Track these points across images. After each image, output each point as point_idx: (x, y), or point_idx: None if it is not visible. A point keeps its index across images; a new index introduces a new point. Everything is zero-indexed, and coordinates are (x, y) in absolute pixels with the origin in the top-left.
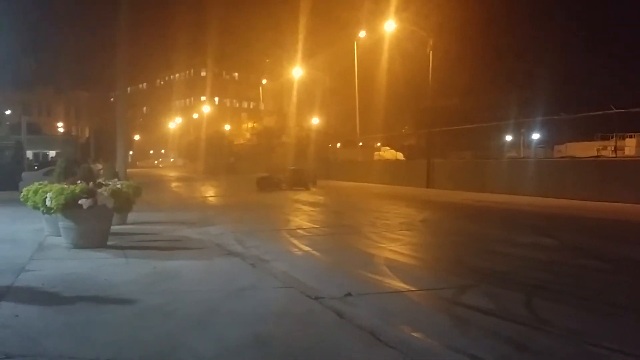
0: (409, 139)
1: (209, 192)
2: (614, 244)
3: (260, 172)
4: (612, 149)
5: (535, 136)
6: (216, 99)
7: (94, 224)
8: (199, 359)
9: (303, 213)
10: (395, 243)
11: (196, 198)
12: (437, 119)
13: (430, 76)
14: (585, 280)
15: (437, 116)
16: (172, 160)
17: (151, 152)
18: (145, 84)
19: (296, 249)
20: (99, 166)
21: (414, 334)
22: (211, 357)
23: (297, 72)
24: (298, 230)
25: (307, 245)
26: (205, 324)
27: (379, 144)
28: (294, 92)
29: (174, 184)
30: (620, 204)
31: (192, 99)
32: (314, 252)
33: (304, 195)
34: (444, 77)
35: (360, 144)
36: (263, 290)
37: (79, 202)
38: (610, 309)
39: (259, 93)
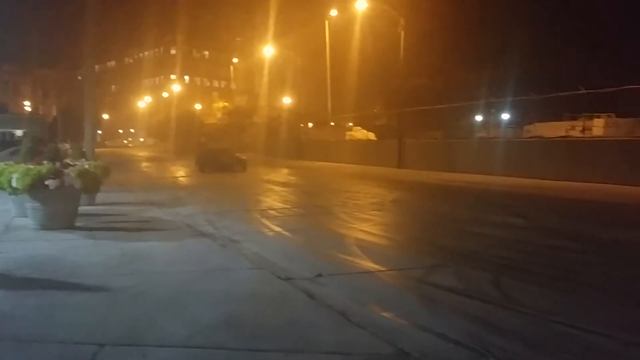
0: (380, 118)
1: (180, 172)
2: (582, 224)
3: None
4: (581, 129)
5: (505, 116)
6: (186, 77)
7: (61, 205)
8: (169, 340)
9: (274, 193)
10: (366, 223)
11: (166, 178)
12: (408, 99)
13: (401, 56)
14: (553, 260)
15: (408, 96)
16: (141, 139)
17: (120, 131)
18: (113, 62)
19: (267, 230)
20: (67, 146)
21: (384, 314)
22: (182, 338)
23: (268, 51)
24: (269, 211)
25: (278, 225)
26: (176, 305)
27: (350, 124)
28: (266, 72)
29: (143, 164)
30: (588, 183)
31: (161, 77)
32: (285, 232)
33: (275, 176)
34: (415, 57)
35: (332, 124)
36: (234, 271)
37: (46, 182)
38: (578, 288)
39: (230, 72)
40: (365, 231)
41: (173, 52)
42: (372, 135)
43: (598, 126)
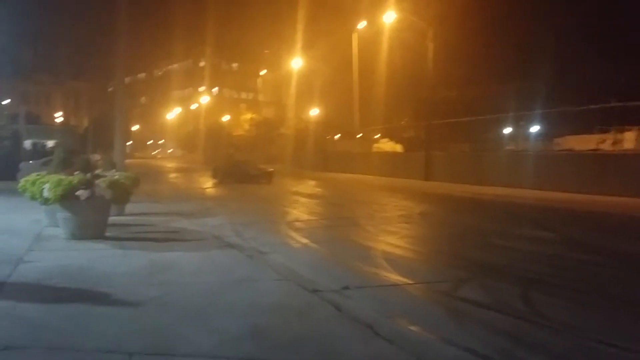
0: (407, 131)
1: (208, 184)
2: (612, 238)
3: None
4: (611, 142)
5: (534, 129)
6: (215, 89)
7: (91, 215)
8: (196, 350)
9: (301, 205)
10: (393, 236)
11: (194, 189)
12: (436, 111)
13: (429, 67)
14: (583, 275)
15: (436, 108)
16: (170, 150)
17: (149, 142)
18: (143, 74)
19: (294, 241)
20: (97, 157)
21: (412, 328)
22: (209, 349)
23: (296, 63)
24: (296, 222)
25: (304, 237)
26: (203, 315)
27: (377, 136)
28: (293, 83)
29: (172, 175)
30: (619, 197)
31: (190, 89)
32: (312, 244)
33: (302, 187)
34: (443, 68)
35: (359, 135)
36: (260, 282)
37: (77, 193)
38: (607, 304)
39: (258, 84)
40: (392, 244)
41: (202, 64)
42: (399, 148)
43: (629, 139)
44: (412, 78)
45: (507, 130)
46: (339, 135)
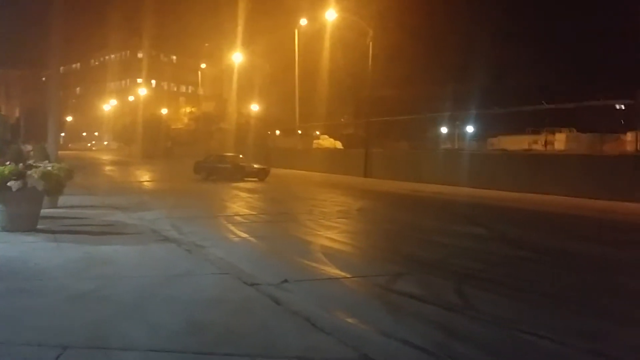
0: (348, 128)
1: (145, 177)
2: (542, 235)
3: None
4: (543, 142)
5: (470, 129)
6: (153, 81)
7: (23, 206)
8: (132, 344)
9: (241, 200)
10: (332, 231)
11: (131, 182)
12: (375, 109)
13: (370, 66)
14: (514, 269)
15: (376, 106)
16: (106, 143)
17: (84, 134)
18: (79, 64)
19: (233, 236)
20: (29, 147)
21: (349, 320)
22: (145, 342)
23: (237, 57)
24: (235, 217)
25: (244, 232)
26: (140, 309)
27: (318, 133)
28: (234, 78)
29: (108, 168)
30: (549, 196)
31: (127, 80)
32: (251, 238)
33: (242, 182)
34: (383, 68)
35: (300, 132)
36: (199, 276)
37: (8, 184)
38: (537, 297)
39: (198, 77)
40: (331, 238)
41: (140, 55)
42: (339, 144)
43: (559, 140)
44: (353, 77)
45: (444, 129)
46: (280, 131)
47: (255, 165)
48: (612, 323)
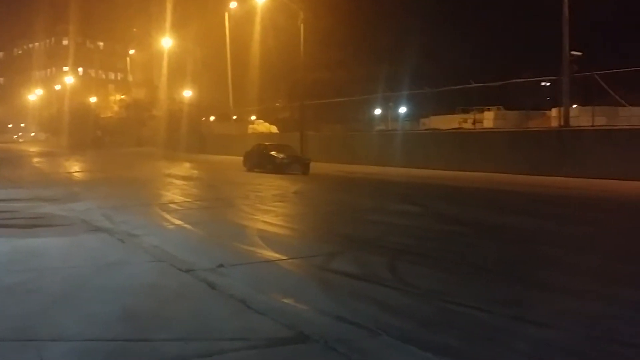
0: (282, 112)
1: (74, 168)
2: (473, 210)
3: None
4: (472, 121)
5: (402, 110)
6: (80, 69)
7: None
8: (64, 335)
9: (175, 187)
10: (268, 214)
11: (60, 174)
12: (310, 92)
13: (302, 49)
14: (445, 244)
15: (310, 89)
16: (33, 134)
17: (10, 126)
18: (1, 54)
19: (168, 223)
20: None
21: (285, 300)
22: (76, 332)
23: (166, 42)
24: (170, 205)
25: (179, 219)
26: (71, 300)
27: (253, 117)
28: (165, 64)
29: (35, 159)
30: (479, 172)
31: (53, 69)
32: (187, 225)
33: (176, 170)
34: (316, 50)
35: (235, 117)
36: (132, 264)
37: None
38: (467, 270)
39: (127, 64)
40: (267, 222)
41: (65, 42)
42: (274, 129)
43: (488, 119)
44: (286, 60)
45: (378, 111)
46: (214, 117)
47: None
48: (535, 290)
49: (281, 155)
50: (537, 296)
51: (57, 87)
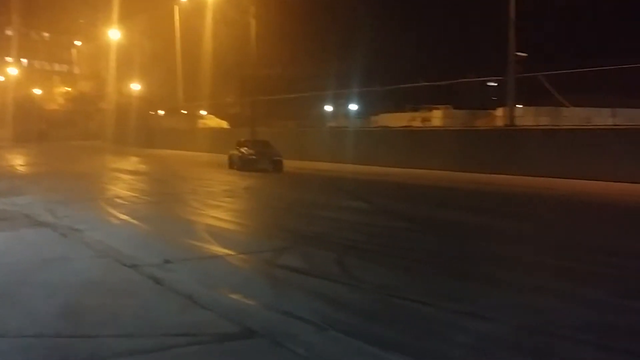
0: (233, 107)
1: (18, 161)
2: (420, 207)
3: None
4: (421, 119)
5: (353, 107)
6: (24, 60)
7: None
8: (2, 332)
9: (122, 182)
10: (217, 210)
11: (2, 167)
12: (261, 88)
13: (253, 44)
14: (392, 240)
15: (261, 85)
16: None
17: None
18: None
19: (113, 218)
20: None
21: (232, 296)
22: (15, 328)
23: (114, 34)
24: (116, 199)
25: (125, 213)
26: (10, 296)
27: (203, 112)
28: (112, 56)
29: None
30: (428, 170)
31: None
32: (133, 220)
33: (124, 164)
34: (267, 46)
35: (184, 112)
36: (76, 260)
37: None
38: (412, 265)
39: (73, 55)
40: (215, 217)
41: (9, 33)
42: (225, 124)
43: (437, 117)
44: (237, 55)
45: (329, 108)
46: (164, 111)
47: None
48: (478, 285)
49: (249, 152)
50: (479, 290)
51: (0, 78)
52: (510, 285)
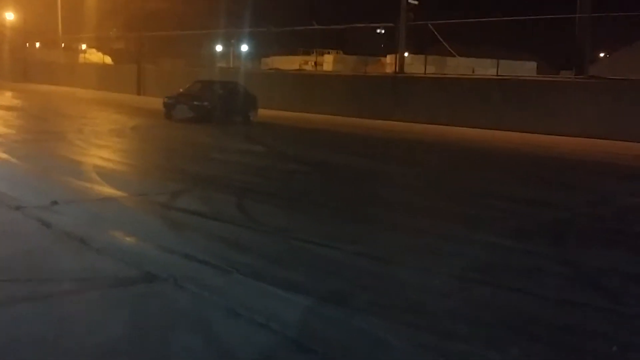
0: (118, 42)
1: None
2: (314, 151)
3: None
4: (313, 63)
5: (244, 48)
6: None
7: None
8: None
9: None
10: (105, 150)
11: None
12: (148, 23)
13: None
14: (289, 183)
15: (149, 20)
16: None
17: None
18: None
19: None
20: None
21: (127, 239)
22: None
23: None
24: None
25: (3, 152)
26: None
27: (84, 46)
28: None
29: None
30: (320, 115)
31: None
32: (13, 159)
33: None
34: None
35: (64, 45)
36: None
37: None
38: (311, 208)
39: None
40: (104, 158)
41: None
42: (108, 59)
43: (328, 62)
44: None
45: (219, 48)
46: (41, 43)
47: None
48: (373, 227)
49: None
50: (376, 233)
51: None
52: (405, 228)
